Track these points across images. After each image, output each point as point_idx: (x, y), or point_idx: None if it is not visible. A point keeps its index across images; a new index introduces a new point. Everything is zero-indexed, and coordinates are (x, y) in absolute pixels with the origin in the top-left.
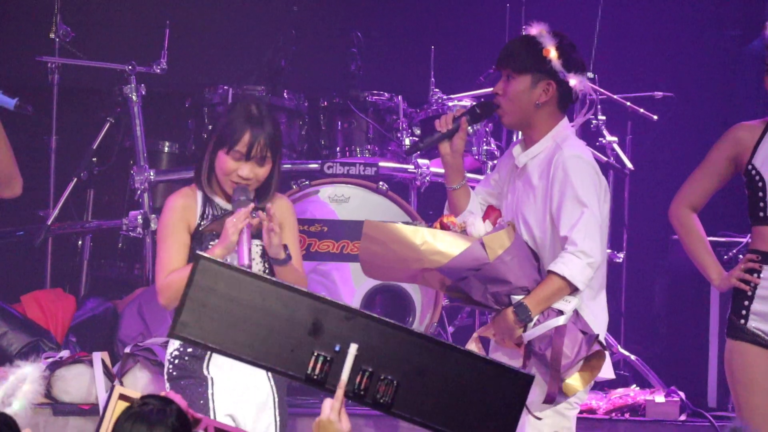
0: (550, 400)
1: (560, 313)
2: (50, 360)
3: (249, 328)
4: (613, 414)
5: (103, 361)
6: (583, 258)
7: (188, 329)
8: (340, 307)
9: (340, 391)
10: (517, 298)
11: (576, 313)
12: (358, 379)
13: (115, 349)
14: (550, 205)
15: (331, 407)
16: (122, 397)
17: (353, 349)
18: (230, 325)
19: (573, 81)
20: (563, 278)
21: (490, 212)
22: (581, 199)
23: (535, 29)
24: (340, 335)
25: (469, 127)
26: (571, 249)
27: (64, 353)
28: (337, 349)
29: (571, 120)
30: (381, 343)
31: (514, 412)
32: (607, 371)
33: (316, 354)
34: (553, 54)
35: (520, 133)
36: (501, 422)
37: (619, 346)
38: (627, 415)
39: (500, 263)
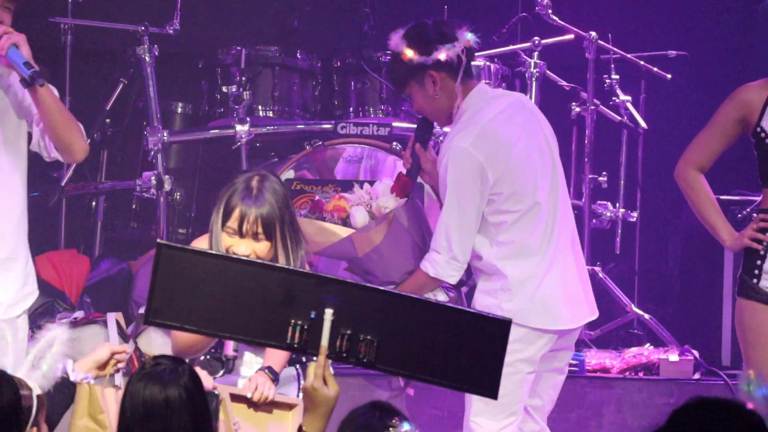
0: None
1: None
2: (65, 321)
3: (222, 305)
4: (627, 373)
5: (118, 322)
6: (443, 254)
7: (163, 314)
8: (309, 276)
9: (321, 357)
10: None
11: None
12: (338, 343)
13: (130, 310)
14: None
15: (315, 374)
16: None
17: (328, 314)
18: (203, 305)
19: (442, 55)
20: (425, 273)
21: (399, 179)
22: (447, 195)
23: (392, 42)
24: (314, 302)
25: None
26: (432, 246)
27: (79, 314)
28: (312, 316)
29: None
30: (355, 305)
31: (497, 356)
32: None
33: (293, 323)
34: (409, 53)
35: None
36: (485, 367)
37: (632, 305)
38: (641, 374)
39: (367, 259)
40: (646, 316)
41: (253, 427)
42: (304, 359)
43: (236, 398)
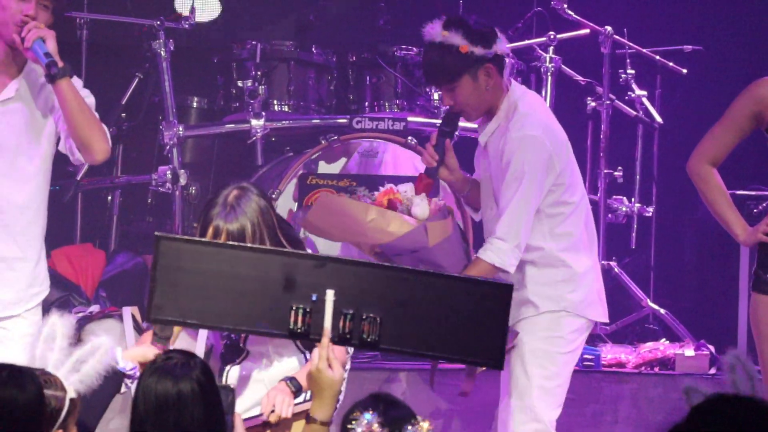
0: (464, 394)
1: None
2: (80, 315)
3: (223, 296)
4: (643, 368)
5: (133, 316)
6: (510, 241)
7: (164, 311)
8: (308, 257)
9: (325, 339)
10: None
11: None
12: (341, 324)
13: (145, 304)
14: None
15: (319, 357)
16: None
17: (330, 295)
18: (204, 298)
19: (500, 49)
20: (491, 264)
21: (421, 180)
22: (516, 183)
23: (436, 36)
24: (315, 284)
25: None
26: (498, 233)
27: (94, 308)
28: (314, 298)
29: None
30: (356, 284)
31: (499, 321)
32: (597, 314)
33: (294, 307)
34: (470, 46)
35: None
36: (489, 335)
37: (648, 300)
38: (656, 369)
39: (438, 249)
40: (662, 310)
41: None
42: None
43: (251, 420)
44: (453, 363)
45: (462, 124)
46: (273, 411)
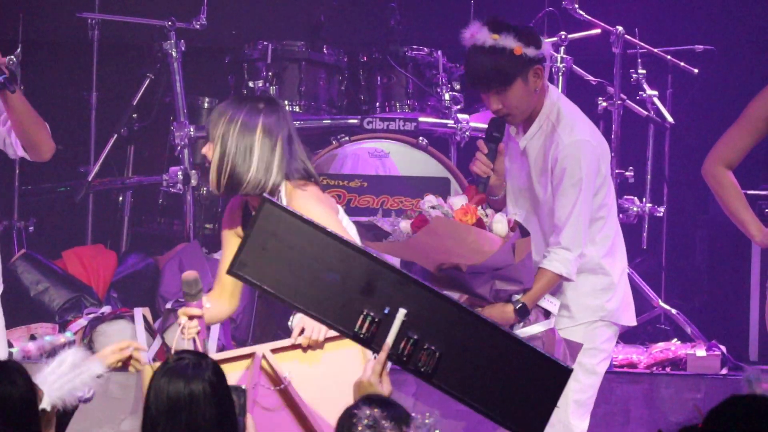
0: None
1: (547, 314)
2: (92, 316)
3: (304, 276)
4: (654, 368)
5: (145, 317)
6: (575, 250)
7: (246, 269)
8: (394, 271)
9: (383, 354)
10: (516, 296)
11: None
12: (402, 344)
13: (156, 305)
14: (551, 189)
15: (372, 369)
16: None
17: (401, 314)
18: (287, 270)
19: (547, 50)
20: (558, 275)
21: (474, 194)
22: (574, 189)
23: (485, 40)
24: (391, 299)
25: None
26: (562, 243)
27: (106, 309)
28: (386, 311)
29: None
30: (429, 313)
31: (549, 401)
32: (629, 318)
33: (365, 313)
34: (524, 48)
35: None
36: (535, 409)
37: (659, 300)
38: (668, 369)
39: (522, 266)
40: (673, 311)
41: (308, 367)
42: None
43: (282, 350)
44: (494, 422)
45: (473, 124)
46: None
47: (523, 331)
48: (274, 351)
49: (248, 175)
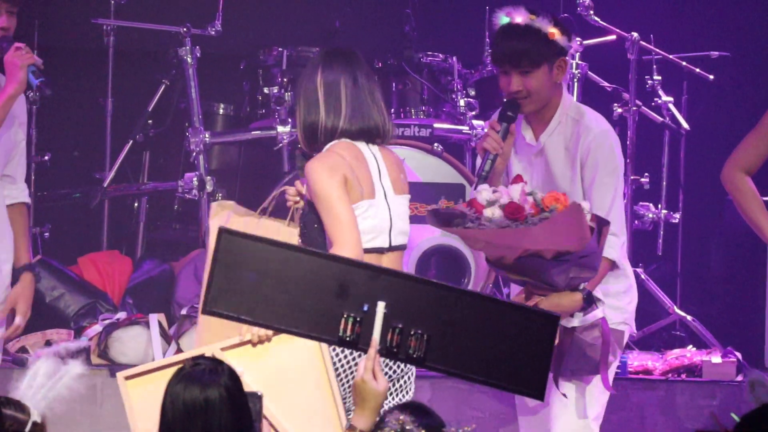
0: (607, 386)
1: (598, 301)
2: (107, 322)
3: (278, 297)
4: (670, 375)
5: (160, 323)
6: (621, 237)
7: (219, 304)
8: (363, 267)
9: (372, 350)
10: (583, 284)
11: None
12: (389, 336)
13: (172, 311)
14: (582, 182)
15: (365, 367)
16: None
17: (381, 307)
18: (259, 296)
19: (574, 45)
20: (611, 260)
21: (518, 182)
22: (612, 178)
23: (522, 17)
24: (368, 295)
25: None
26: (611, 230)
27: (121, 315)
28: (365, 309)
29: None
30: (408, 298)
31: (544, 352)
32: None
33: (345, 315)
34: (557, 34)
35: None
36: (533, 364)
37: (675, 307)
38: (683, 376)
39: (602, 254)
40: (689, 317)
41: (259, 362)
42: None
43: (232, 347)
44: (496, 388)
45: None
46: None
47: (585, 319)
48: (224, 349)
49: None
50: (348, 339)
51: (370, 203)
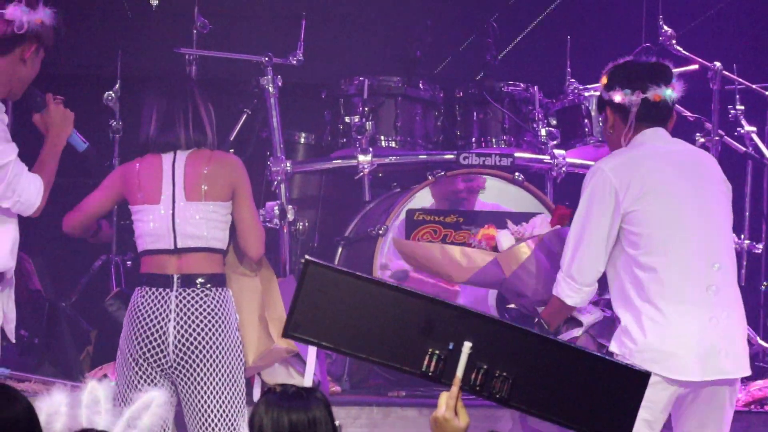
0: None
1: (579, 324)
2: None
3: (361, 327)
4: (753, 406)
5: None
6: (574, 280)
7: (301, 329)
8: (451, 308)
9: (455, 388)
10: (539, 309)
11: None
12: (473, 376)
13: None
14: None
15: (446, 404)
16: None
17: (467, 347)
18: (342, 324)
19: (617, 98)
20: (560, 299)
21: (558, 210)
22: (576, 221)
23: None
24: (453, 334)
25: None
26: (563, 271)
27: None
28: (450, 347)
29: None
30: (494, 341)
31: (631, 408)
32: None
33: (430, 351)
34: (603, 80)
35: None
36: (619, 417)
37: (758, 338)
38: (766, 408)
39: (515, 278)
40: None
41: None
42: None
43: None
44: None
45: (570, 159)
46: None
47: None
48: None
49: None
50: (431, 374)
51: (149, 208)
